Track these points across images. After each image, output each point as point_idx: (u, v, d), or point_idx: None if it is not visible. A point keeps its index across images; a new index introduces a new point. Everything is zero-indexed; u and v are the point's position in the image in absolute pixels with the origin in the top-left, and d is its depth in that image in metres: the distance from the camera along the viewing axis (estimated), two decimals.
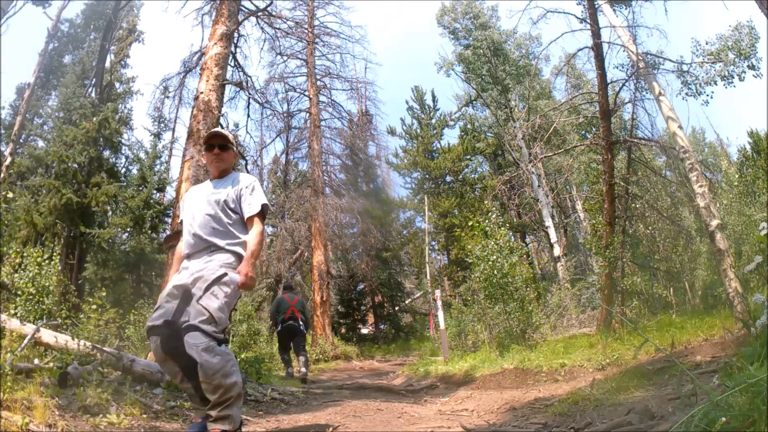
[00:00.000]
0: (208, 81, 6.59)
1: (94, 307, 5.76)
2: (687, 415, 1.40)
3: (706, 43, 7.17)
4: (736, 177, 8.35)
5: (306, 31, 14.94)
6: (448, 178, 20.35)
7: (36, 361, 3.53)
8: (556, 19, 8.01)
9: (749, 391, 1.32)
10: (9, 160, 13.40)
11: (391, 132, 21.84)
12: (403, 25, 62.20)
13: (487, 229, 7.25)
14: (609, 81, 6.88)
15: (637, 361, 3.91)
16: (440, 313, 7.91)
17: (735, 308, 5.23)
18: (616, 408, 2.75)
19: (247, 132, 24.04)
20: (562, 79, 14.55)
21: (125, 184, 13.19)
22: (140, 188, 12.74)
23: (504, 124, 16.65)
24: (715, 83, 7.03)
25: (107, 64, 15.09)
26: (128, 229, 12.48)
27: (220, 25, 7.04)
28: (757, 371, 1.40)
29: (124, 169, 14.04)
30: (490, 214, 7.44)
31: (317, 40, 15.87)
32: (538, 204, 14.27)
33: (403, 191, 22.34)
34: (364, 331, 18.67)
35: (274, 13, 9.38)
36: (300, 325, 7.44)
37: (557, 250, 14.26)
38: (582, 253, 16.30)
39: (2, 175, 12.65)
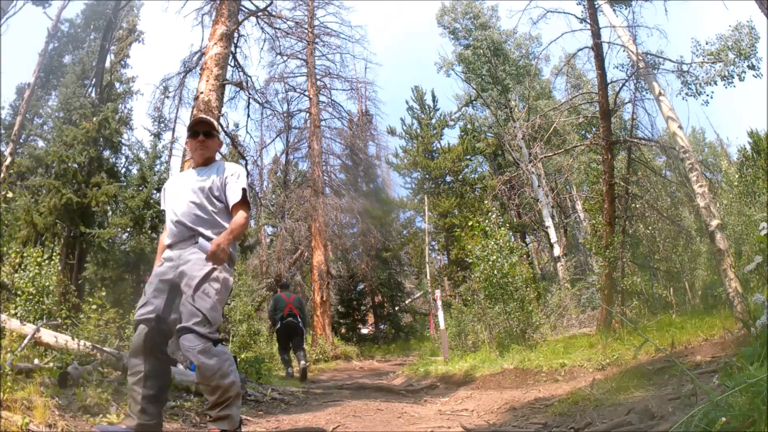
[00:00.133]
0: (208, 81, 6.59)
1: (94, 307, 5.77)
2: (687, 415, 1.40)
3: (706, 43, 7.18)
4: (736, 177, 8.35)
5: (306, 31, 14.93)
6: (448, 178, 20.34)
7: (36, 361, 3.53)
8: (556, 19, 8.02)
9: (749, 391, 1.32)
10: (9, 160, 13.39)
11: (391, 132, 21.83)
12: (403, 25, 62.25)
13: (487, 229, 7.25)
14: (609, 81, 6.88)
15: (637, 361, 3.90)
16: (440, 313, 7.91)
17: (735, 308, 5.24)
18: (616, 408, 2.75)
19: (247, 132, 24.01)
20: (562, 79, 14.55)
21: (125, 184, 13.17)
22: (140, 188, 12.72)
23: (504, 124, 16.65)
24: (715, 83, 7.03)
25: (107, 64, 15.07)
26: (128, 229, 12.47)
27: (220, 25, 7.04)
28: (757, 371, 1.40)
29: (124, 169, 14.02)
30: (490, 214, 7.44)
31: (317, 40, 15.85)
32: (538, 204, 14.26)
33: (403, 191, 22.35)
34: (364, 331, 18.66)
35: (274, 13, 9.37)
36: (298, 322, 7.47)
37: (557, 250, 14.26)
38: (582, 253, 16.30)
39: (2, 175, 12.63)
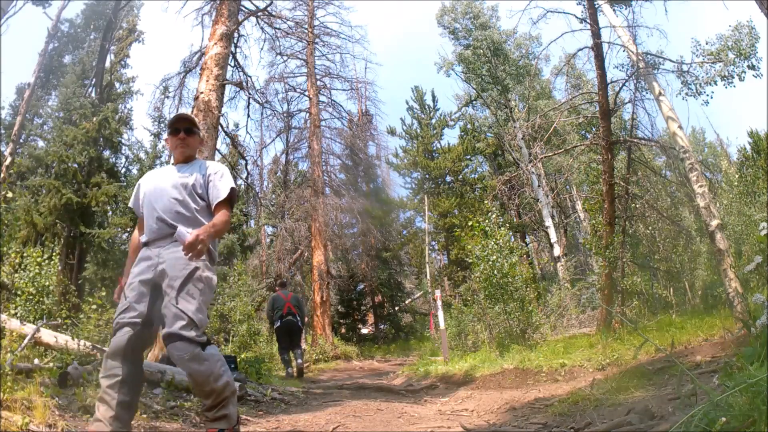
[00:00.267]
0: (208, 81, 6.59)
1: (94, 307, 5.77)
2: (687, 415, 1.40)
3: (706, 43, 7.16)
4: (736, 177, 8.34)
5: (306, 31, 14.93)
6: (448, 178, 20.33)
7: (36, 361, 3.54)
8: (556, 19, 8.02)
9: (749, 391, 1.32)
10: (9, 160, 13.39)
11: (391, 132, 21.83)
12: (403, 25, 62.20)
13: (487, 229, 7.25)
14: (609, 81, 6.88)
15: (637, 361, 3.90)
16: (440, 313, 7.91)
17: (735, 308, 5.24)
18: (616, 408, 2.75)
19: (247, 132, 24.12)
20: (562, 79, 14.55)
21: (125, 184, 13.18)
22: None
23: (504, 124, 16.65)
24: (715, 83, 7.02)
25: (107, 64, 15.08)
26: (128, 229, 12.48)
27: (220, 25, 7.04)
28: (757, 371, 1.40)
29: (124, 169, 14.04)
30: (490, 214, 7.44)
31: (317, 40, 15.85)
32: (538, 204, 14.26)
33: (403, 191, 22.33)
34: (364, 331, 18.66)
35: (274, 13, 9.38)
36: (298, 320, 7.48)
37: (557, 250, 14.26)
38: (582, 253, 16.30)
39: (2, 175, 12.63)
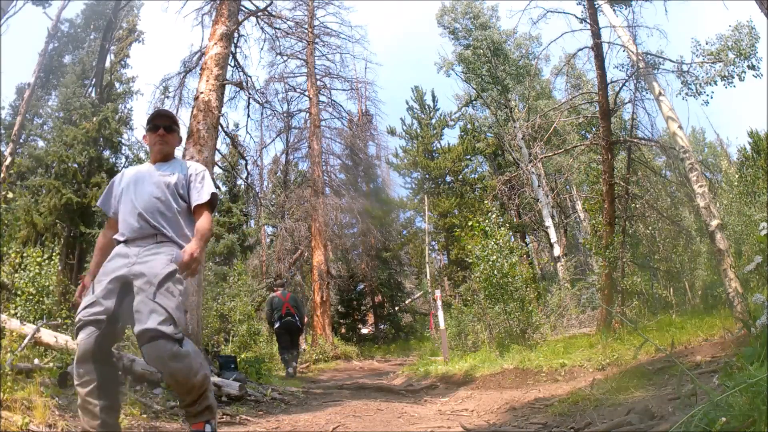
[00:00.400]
0: (208, 81, 6.59)
1: None
2: (687, 415, 1.40)
3: (706, 43, 7.16)
4: (736, 177, 8.34)
5: (306, 31, 14.92)
6: (448, 178, 20.33)
7: (36, 361, 3.54)
8: (556, 19, 8.01)
9: (749, 391, 1.32)
10: (9, 160, 13.38)
11: (391, 132, 21.82)
12: (403, 25, 62.23)
13: (487, 229, 7.25)
14: (609, 81, 6.88)
15: (637, 361, 3.90)
16: (440, 313, 7.91)
17: (735, 308, 5.23)
18: (616, 408, 2.75)
19: (247, 132, 24.09)
20: (562, 79, 14.56)
21: None
22: None
23: (504, 124, 16.65)
24: (715, 83, 7.02)
25: (107, 64, 15.09)
26: None
27: (220, 25, 7.03)
28: (757, 371, 1.40)
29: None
30: (490, 214, 7.44)
31: (317, 40, 15.85)
32: (538, 204, 14.26)
33: (403, 191, 22.33)
34: (364, 331, 18.66)
35: (274, 13, 9.37)
36: (296, 321, 7.51)
37: (557, 250, 14.26)
38: (582, 253, 16.30)
39: (2, 175, 12.63)
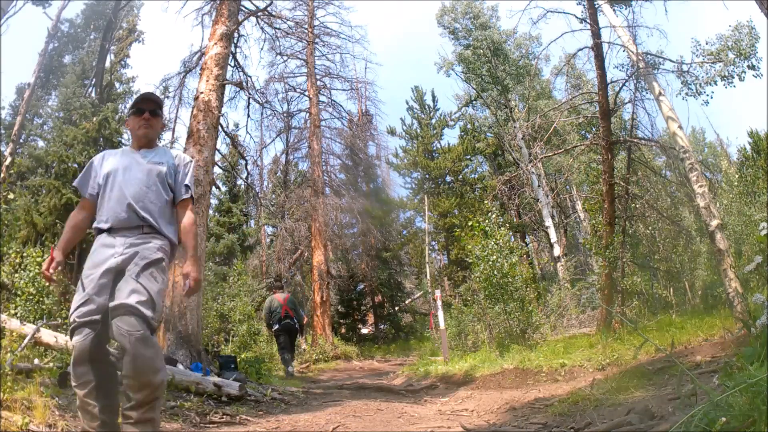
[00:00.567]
0: (208, 81, 6.60)
1: None
2: (687, 415, 1.40)
3: (706, 43, 7.16)
4: (736, 177, 8.35)
5: (306, 31, 14.92)
6: (448, 178, 20.32)
7: (36, 361, 3.54)
8: (556, 19, 8.00)
9: (749, 391, 1.32)
10: (9, 160, 13.39)
11: (391, 132, 21.82)
12: (403, 25, 62.26)
13: (487, 229, 7.25)
14: (609, 81, 6.87)
15: (637, 361, 3.90)
16: (440, 313, 7.91)
17: (735, 308, 5.23)
18: (616, 408, 2.75)
19: (247, 132, 24.12)
20: (562, 79, 14.56)
21: None
22: None
23: (504, 124, 16.65)
24: (715, 83, 7.01)
25: (107, 64, 15.10)
26: None
27: (220, 25, 7.04)
28: (757, 371, 1.40)
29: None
30: (490, 214, 7.44)
31: (317, 40, 15.85)
32: (538, 204, 14.26)
33: (403, 191, 22.32)
34: (364, 331, 18.66)
35: (274, 13, 9.38)
36: (295, 323, 7.53)
37: (557, 250, 14.26)
38: (582, 253, 16.31)
39: (2, 175, 12.64)
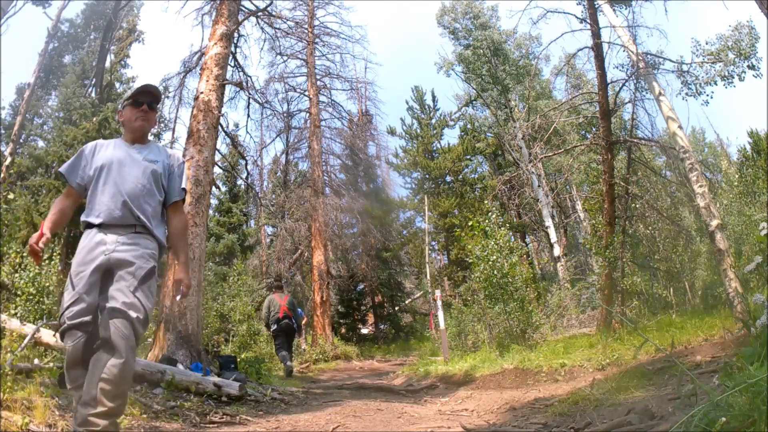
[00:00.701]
0: (208, 81, 6.60)
1: None
2: (687, 415, 1.40)
3: (706, 43, 7.16)
4: (736, 177, 8.35)
5: (306, 31, 14.93)
6: (448, 178, 20.33)
7: (36, 361, 3.54)
8: (556, 19, 8.01)
9: (749, 391, 1.32)
10: (9, 160, 13.39)
11: (391, 132, 21.83)
12: (403, 25, 62.25)
13: (487, 229, 7.25)
14: (609, 81, 6.87)
15: (637, 361, 3.90)
16: (440, 313, 7.91)
17: (735, 308, 5.23)
18: (616, 408, 2.75)
19: (247, 132, 24.13)
20: (562, 79, 14.56)
21: None
22: None
23: (504, 124, 16.65)
24: (715, 83, 7.02)
25: (107, 64, 15.11)
26: None
27: (220, 25, 7.04)
28: (757, 371, 1.40)
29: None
30: (490, 214, 7.44)
31: (317, 40, 15.85)
32: (538, 204, 14.27)
33: (403, 191, 22.34)
34: (364, 331, 18.66)
35: (274, 13, 9.38)
36: (293, 324, 7.55)
37: (557, 250, 14.26)
38: (582, 253, 16.31)
39: (2, 175, 12.64)
